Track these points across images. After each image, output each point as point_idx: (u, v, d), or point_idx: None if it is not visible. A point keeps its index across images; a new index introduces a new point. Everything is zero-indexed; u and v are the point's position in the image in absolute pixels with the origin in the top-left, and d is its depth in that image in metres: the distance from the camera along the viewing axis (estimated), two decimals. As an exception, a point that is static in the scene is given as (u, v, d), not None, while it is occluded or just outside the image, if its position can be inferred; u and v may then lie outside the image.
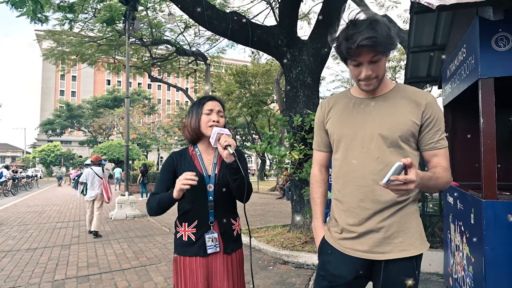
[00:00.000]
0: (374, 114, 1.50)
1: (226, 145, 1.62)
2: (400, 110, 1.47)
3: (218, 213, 1.79)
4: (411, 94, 1.50)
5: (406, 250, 1.46)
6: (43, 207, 13.57)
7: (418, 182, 1.25)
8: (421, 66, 4.49)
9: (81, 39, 16.16)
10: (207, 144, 1.86)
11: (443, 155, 1.49)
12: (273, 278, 4.38)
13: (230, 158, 1.64)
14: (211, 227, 1.77)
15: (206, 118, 1.82)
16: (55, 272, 4.81)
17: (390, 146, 1.46)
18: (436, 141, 1.48)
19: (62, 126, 48.46)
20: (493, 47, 2.35)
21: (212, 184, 1.79)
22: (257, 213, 10.44)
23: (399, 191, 1.25)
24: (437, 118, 1.47)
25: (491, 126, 2.33)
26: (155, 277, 4.51)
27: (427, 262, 4.21)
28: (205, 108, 1.84)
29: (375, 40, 1.32)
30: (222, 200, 1.80)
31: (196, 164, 1.82)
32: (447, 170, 1.47)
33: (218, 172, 1.82)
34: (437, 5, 2.28)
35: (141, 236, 7.32)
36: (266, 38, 6.59)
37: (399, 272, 1.47)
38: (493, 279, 2.27)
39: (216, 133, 1.68)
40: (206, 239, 1.74)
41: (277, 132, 7.48)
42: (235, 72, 21.58)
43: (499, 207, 2.31)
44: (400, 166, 1.22)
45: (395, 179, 1.20)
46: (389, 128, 1.45)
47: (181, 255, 1.77)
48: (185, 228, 1.78)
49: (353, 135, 1.52)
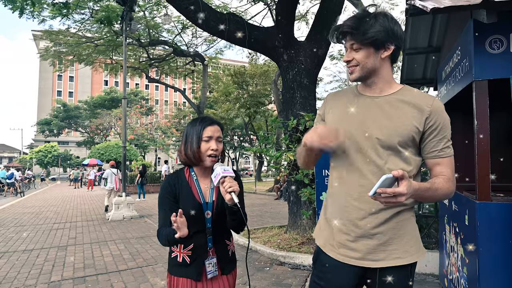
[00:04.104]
0: (374, 115, 1.46)
1: (230, 191, 1.55)
2: (401, 115, 1.43)
3: (216, 238, 1.76)
4: (417, 98, 1.44)
5: (401, 258, 1.44)
6: (40, 208, 13.53)
7: (412, 194, 1.24)
8: (417, 68, 4.51)
9: (78, 39, 16.12)
10: (203, 168, 1.79)
11: (446, 164, 1.44)
12: (270, 279, 4.38)
13: (232, 202, 1.57)
14: (210, 253, 1.74)
15: (205, 146, 1.72)
16: (52, 274, 4.80)
17: (387, 150, 1.42)
18: (440, 150, 1.43)
19: (59, 127, 48.32)
20: (487, 50, 2.37)
21: (209, 212, 1.74)
22: (255, 214, 10.44)
23: (389, 204, 1.23)
24: (442, 126, 1.42)
25: (485, 128, 2.35)
26: (151, 278, 4.51)
27: (423, 263, 4.22)
28: (204, 135, 1.73)
29: (351, 29, 1.41)
30: (220, 225, 1.77)
31: (193, 190, 1.75)
32: (449, 180, 1.42)
33: (216, 198, 1.76)
34: (431, 7, 2.30)
35: (138, 237, 7.31)
36: (263, 39, 6.60)
37: (395, 279, 1.45)
38: (487, 280, 2.28)
39: (220, 175, 1.59)
40: (206, 265, 1.71)
41: (272, 134, 7.49)
42: (233, 73, 21.57)
43: (493, 208, 2.32)
44: (390, 178, 1.19)
45: (382, 192, 1.18)
46: (388, 133, 1.41)
47: (174, 275, 1.75)
48: (180, 249, 1.74)
49: (350, 134, 1.48)
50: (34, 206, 14.37)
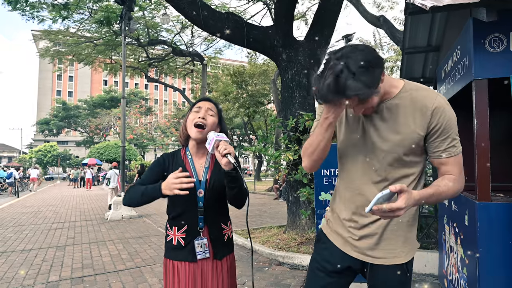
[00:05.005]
0: (377, 125, 1.43)
1: (225, 153, 1.53)
2: (404, 123, 1.39)
3: (208, 218, 1.74)
4: (419, 98, 1.38)
5: (397, 257, 1.47)
6: (39, 207, 13.50)
7: (413, 204, 1.23)
8: (416, 67, 4.50)
9: (77, 39, 16.10)
10: (197, 147, 1.79)
11: (452, 163, 1.39)
12: (268, 279, 4.36)
13: (229, 166, 1.54)
14: (200, 233, 1.72)
15: (193, 116, 1.74)
16: (49, 274, 4.77)
17: (393, 160, 1.42)
18: (443, 150, 1.38)
19: (58, 126, 48.27)
20: (487, 48, 2.35)
21: (202, 190, 1.73)
22: (254, 214, 10.42)
23: (388, 218, 1.22)
24: (445, 126, 1.36)
25: (485, 127, 2.33)
26: (149, 278, 4.49)
27: (423, 263, 4.21)
28: (194, 107, 1.78)
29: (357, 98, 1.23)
30: (213, 205, 1.75)
31: (187, 168, 1.76)
32: (455, 180, 1.38)
33: (209, 177, 1.75)
34: (430, 6, 2.28)
35: (137, 237, 7.29)
36: (262, 39, 6.58)
37: (388, 277, 1.48)
38: (487, 281, 2.27)
39: (214, 140, 1.57)
40: (195, 245, 1.70)
41: (271, 133, 7.48)
42: (232, 73, 21.54)
43: (493, 209, 2.30)
44: (387, 194, 1.17)
45: (377, 209, 1.16)
46: (392, 145, 1.40)
47: (170, 259, 1.74)
48: (175, 232, 1.74)
49: (352, 142, 1.50)
50: (33, 205, 14.35)
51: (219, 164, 1.76)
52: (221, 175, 1.72)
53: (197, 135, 1.71)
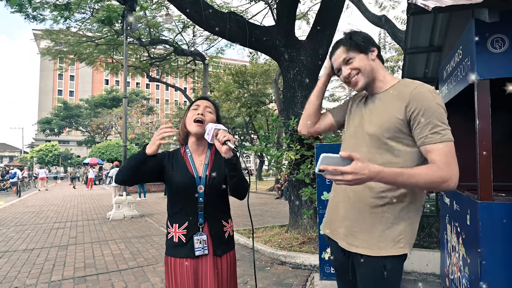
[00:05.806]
0: (368, 112, 1.58)
1: (225, 140, 1.58)
2: (388, 108, 1.49)
3: (208, 214, 1.76)
4: (402, 87, 1.49)
5: (370, 249, 1.49)
6: (41, 207, 13.53)
7: (369, 176, 1.24)
8: (418, 67, 4.50)
9: (78, 38, 16.12)
10: (197, 144, 1.84)
11: (438, 151, 1.34)
12: (270, 279, 4.38)
13: (229, 153, 1.60)
14: (200, 229, 1.73)
15: (191, 114, 1.81)
16: (52, 273, 4.79)
17: (377, 144, 1.49)
18: (426, 136, 1.36)
19: (60, 126, 48.32)
20: (489, 49, 2.36)
21: (202, 186, 1.75)
22: (255, 213, 10.43)
23: (340, 182, 1.25)
24: (424, 111, 1.36)
25: (487, 127, 2.33)
26: (152, 278, 4.51)
27: (424, 263, 4.21)
28: (193, 105, 1.84)
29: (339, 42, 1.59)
30: (213, 201, 1.77)
31: (187, 165, 1.79)
32: (438, 167, 1.31)
33: (209, 173, 1.78)
34: (432, 6, 2.28)
35: (139, 236, 7.31)
36: (263, 38, 6.58)
37: (365, 267, 1.52)
38: (489, 280, 2.27)
39: (213, 129, 1.62)
40: (194, 241, 1.71)
41: (273, 133, 7.48)
42: (234, 72, 21.53)
43: (495, 208, 2.31)
44: (336, 158, 1.21)
45: (324, 169, 1.21)
46: (376, 128, 1.49)
47: (171, 256, 1.75)
48: (175, 229, 1.76)
49: (351, 132, 1.64)
50: (35, 205, 14.38)
51: (218, 161, 1.80)
52: (220, 171, 1.77)
53: (197, 129, 1.76)
